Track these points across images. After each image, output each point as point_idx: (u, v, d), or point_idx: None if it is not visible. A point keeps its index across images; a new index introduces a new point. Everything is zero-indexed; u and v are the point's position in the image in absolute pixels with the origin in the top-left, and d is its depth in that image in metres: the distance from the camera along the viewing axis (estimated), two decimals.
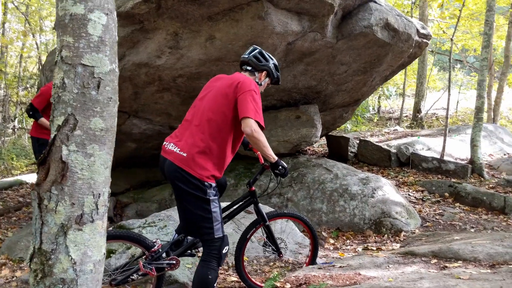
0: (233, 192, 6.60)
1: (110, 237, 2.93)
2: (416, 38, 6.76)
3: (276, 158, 3.05)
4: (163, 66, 5.50)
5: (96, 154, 1.76)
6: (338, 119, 8.66)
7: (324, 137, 9.88)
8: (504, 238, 3.50)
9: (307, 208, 6.08)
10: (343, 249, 4.96)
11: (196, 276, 2.82)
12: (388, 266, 3.02)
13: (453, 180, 7.42)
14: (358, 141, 9.43)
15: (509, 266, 2.78)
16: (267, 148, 2.91)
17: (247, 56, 3.15)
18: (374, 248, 4.75)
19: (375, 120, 18.35)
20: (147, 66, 5.52)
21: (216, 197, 2.85)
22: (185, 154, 2.76)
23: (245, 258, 3.96)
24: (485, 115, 12.49)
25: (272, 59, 3.21)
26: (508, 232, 4.15)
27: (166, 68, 5.53)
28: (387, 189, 6.03)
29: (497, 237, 3.64)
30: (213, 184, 2.82)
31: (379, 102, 20.49)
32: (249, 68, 3.14)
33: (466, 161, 8.50)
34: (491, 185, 7.31)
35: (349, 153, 9.08)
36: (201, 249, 3.08)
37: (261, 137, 2.81)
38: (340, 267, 3.04)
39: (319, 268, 3.05)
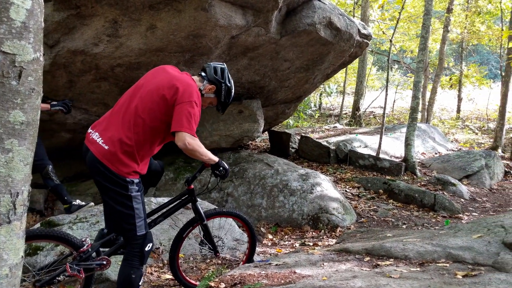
0: (171, 187, 6.47)
1: (34, 237, 2.76)
2: (358, 38, 6.92)
3: (216, 159, 2.97)
4: (100, 55, 5.25)
5: (15, 149, 1.62)
6: (281, 115, 8.72)
7: (266, 132, 9.93)
8: (433, 236, 3.65)
9: (247, 203, 6.07)
10: (281, 245, 4.99)
11: (120, 277, 2.73)
12: (323, 264, 3.06)
13: (387, 177, 7.70)
14: (299, 137, 9.56)
15: (437, 264, 2.89)
16: (205, 155, 2.81)
17: (209, 64, 3.05)
18: (311, 244, 4.83)
19: (316, 117, 18.72)
20: (83, 54, 5.25)
21: (139, 193, 2.73)
22: (107, 147, 2.63)
23: (181, 255, 3.89)
24: (419, 115, 13.06)
25: (230, 81, 3.04)
26: (437, 229, 4.35)
27: (103, 56, 5.29)
28: (325, 185, 6.14)
29: (427, 235, 3.79)
30: (136, 180, 2.71)
31: (320, 99, 20.91)
32: (203, 73, 3.01)
33: (400, 159, 8.84)
34: (422, 183, 7.65)
35: (290, 148, 9.18)
36: None
37: (196, 147, 2.68)
38: (276, 265, 3.04)
39: (255, 267, 3.03)
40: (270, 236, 5.33)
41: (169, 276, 3.58)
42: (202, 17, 4.84)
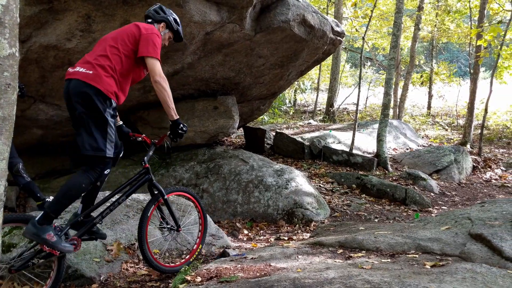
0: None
1: (6, 221, 2.84)
2: (331, 35, 7.02)
3: (177, 116, 3.27)
4: (73, 50, 5.19)
5: None
6: (256, 111, 8.77)
7: (241, 129, 9.96)
8: (404, 228, 3.76)
9: (222, 199, 6.10)
10: (257, 240, 5.04)
11: (72, 179, 2.96)
12: (298, 257, 3.12)
13: (360, 172, 7.85)
14: (274, 133, 9.63)
15: (407, 255, 2.99)
16: (171, 101, 3.14)
17: (148, 11, 3.48)
18: (286, 238, 4.89)
19: (291, 113, 18.85)
20: (56, 49, 5.17)
21: (113, 120, 3.05)
22: (91, 72, 2.92)
23: (156, 250, 3.90)
24: (391, 111, 13.33)
25: (172, 14, 3.50)
26: (408, 222, 4.48)
27: (76, 52, 5.22)
28: (300, 181, 6.22)
29: (398, 227, 3.90)
30: (114, 104, 3.02)
31: (295, 95, 21.07)
32: (149, 20, 3.41)
33: (372, 155, 9.02)
34: (394, 178, 7.83)
35: (265, 145, 9.25)
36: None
37: (166, 85, 3.06)
38: (252, 258, 3.09)
39: (231, 260, 3.07)
40: (245, 231, 5.37)
41: (144, 271, 3.59)
42: (176, 13, 4.76)
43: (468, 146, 11.73)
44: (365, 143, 10.14)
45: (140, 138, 3.47)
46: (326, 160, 8.64)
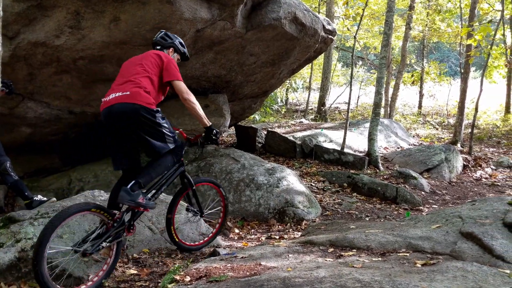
0: None
1: (77, 211, 3.11)
2: (322, 33, 7.01)
3: (209, 123, 3.71)
4: (62, 47, 5.13)
5: None
6: (247, 110, 8.74)
7: (233, 127, 9.93)
8: (395, 227, 3.75)
9: (213, 198, 6.05)
10: (248, 239, 5.02)
11: (161, 159, 3.47)
12: (288, 255, 3.10)
13: (351, 171, 7.85)
14: (265, 132, 9.61)
15: (398, 254, 2.98)
16: (201, 111, 3.58)
17: (155, 38, 3.83)
18: (277, 237, 4.87)
19: (283, 112, 18.86)
20: (45, 46, 5.11)
21: (164, 119, 3.45)
22: (128, 93, 3.26)
23: (145, 250, 3.88)
24: (382, 111, 13.37)
25: (177, 38, 3.89)
26: (398, 221, 4.48)
27: (65, 48, 5.17)
28: (291, 179, 6.20)
29: (389, 226, 3.89)
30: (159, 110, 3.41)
31: (287, 94, 21.07)
32: (158, 47, 3.78)
33: (364, 154, 9.03)
34: (385, 176, 7.84)
35: (257, 143, 9.22)
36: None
37: (194, 99, 3.51)
38: (242, 257, 3.06)
39: (221, 260, 3.04)
40: (236, 230, 5.34)
41: (133, 271, 3.55)
42: (167, 10, 4.80)
43: (459, 145, 11.80)
44: (356, 142, 10.15)
45: (177, 132, 3.85)
46: (318, 159, 8.63)
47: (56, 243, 3.25)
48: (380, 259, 2.90)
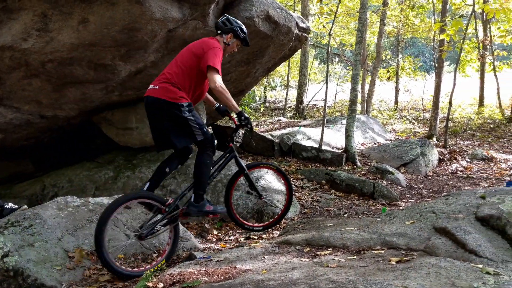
0: (112, 186, 6.29)
1: (131, 199, 3.60)
2: (296, 31, 6.99)
3: (239, 109, 3.89)
4: (30, 50, 4.99)
5: None
6: None
7: (210, 127, 9.86)
8: (370, 224, 3.76)
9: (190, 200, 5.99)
10: (226, 240, 4.98)
11: (196, 161, 3.79)
12: (264, 257, 3.07)
13: (329, 168, 7.88)
14: (243, 131, 9.57)
15: (373, 251, 2.98)
16: (231, 100, 3.73)
17: (218, 21, 4.10)
18: (256, 237, 4.84)
19: (262, 110, 18.84)
20: (12, 50, 4.96)
21: (192, 113, 3.72)
22: (157, 87, 3.67)
23: (120, 255, 3.80)
24: (359, 107, 13.46)
25: (237, 23, 4.09)
26: (374, 218, 4.49)
27: (33, 52, 5.03)
28: (269, 178, 6.18)
29: (365, 223, 3.90)
30: (185, 103, 3.67)
31: (265, 92, 21.06)
32: (219, 31, 4.06)
33: (341, 150, 9.07)
34: (362, 172, 7.88)
35: (235, 143, 9.17)
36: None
37: (225, 90, 3.66)
38: (217, 261, 3.02)
39: (196, 264, 2.99)
40: (215, 232, 5.29)
41: (107, 277, 3.47)
42: (136, 10, 4.71)
43: (434, 139, 11.97)
44: (334, 138, 10.19)
45: (230, 119, 4.38)
46: (296, 156, 8.64)
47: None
48: (355, 257, 2.90)
